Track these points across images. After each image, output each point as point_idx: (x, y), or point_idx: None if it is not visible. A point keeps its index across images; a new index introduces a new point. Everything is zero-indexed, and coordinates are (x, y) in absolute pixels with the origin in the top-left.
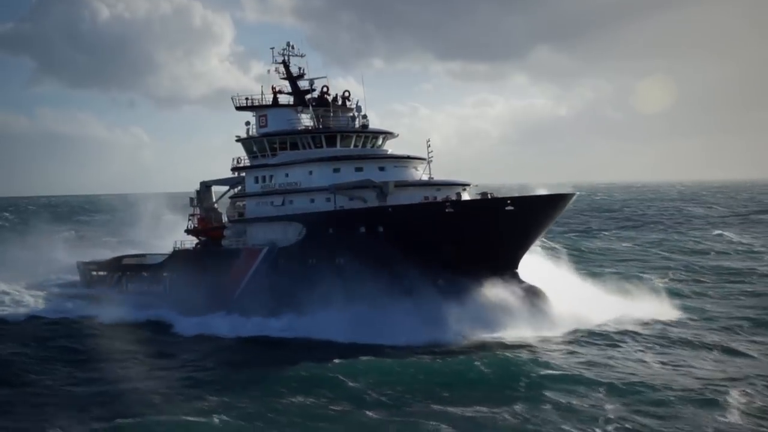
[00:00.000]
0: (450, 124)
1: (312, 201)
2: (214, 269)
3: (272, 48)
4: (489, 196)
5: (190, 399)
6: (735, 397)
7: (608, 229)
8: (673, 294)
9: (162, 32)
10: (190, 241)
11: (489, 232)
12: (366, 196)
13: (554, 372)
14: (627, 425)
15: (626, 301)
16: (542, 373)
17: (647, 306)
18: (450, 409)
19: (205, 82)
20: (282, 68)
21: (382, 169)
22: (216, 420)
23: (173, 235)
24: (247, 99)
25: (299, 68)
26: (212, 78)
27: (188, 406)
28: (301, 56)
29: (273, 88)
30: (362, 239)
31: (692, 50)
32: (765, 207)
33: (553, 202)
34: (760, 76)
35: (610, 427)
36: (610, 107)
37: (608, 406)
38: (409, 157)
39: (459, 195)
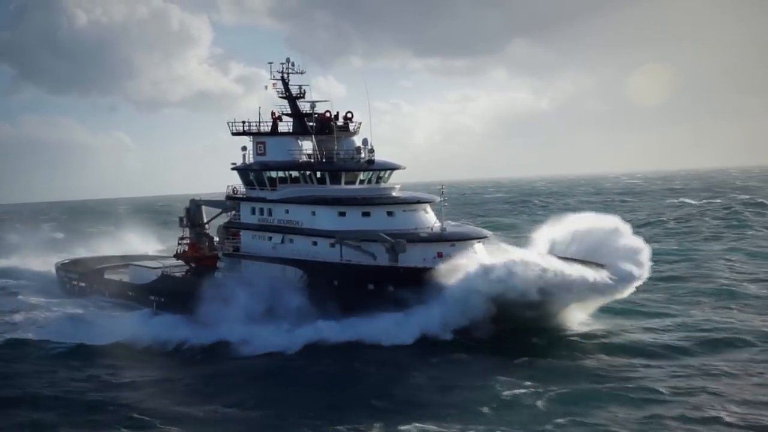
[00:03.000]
0: (432, 120)
1: (315, 244)
2: (206, 304)
3: (270, 63)
4: None
5: None
6: None
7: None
8: None
9: (140, 36)
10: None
11: None
12: (375, 251)
13: None
14: None
15: None
16: None
17: None
18: None
19: (185, 84)
20: (280, 85)
21: (390, 214)
22: None
23: None
24: (243, 123)
25: (299, 87)
26: (191, 80)
27: None
28: (301, 73)
29: (273, 114)
30: (370, 297)
31: (674, 38)
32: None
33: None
34: (745, 61)
35: None
36: (592, 98)
37: None
38: (419, 201)
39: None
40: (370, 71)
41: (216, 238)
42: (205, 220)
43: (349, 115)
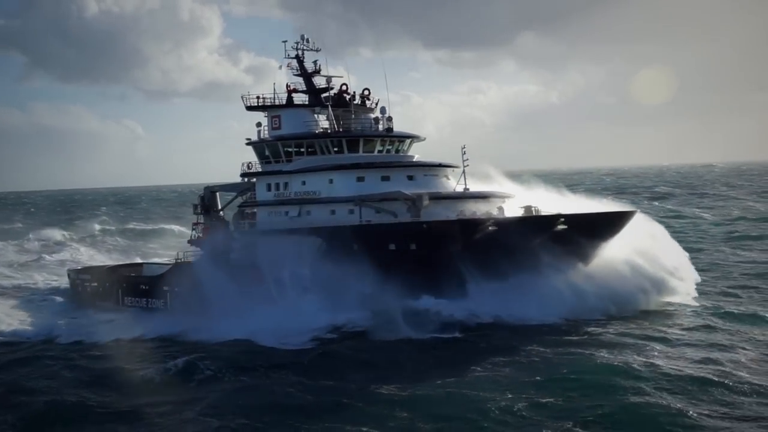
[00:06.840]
0: (443, 111)
1: (333, 212)
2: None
3: (284, 41)
4: (533, 211)
5: None
6: None
7: None
8: None
9: (150, 26)
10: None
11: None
12: (396, 210)
13: None
14: None
15: None
16: None
17: None
18: None
19: (195, 74)
20: (295, 63)
21: (410, 178)
22: None
23: None
24: (258, 98)
25: (315, 63)
26: (201, 71)
27: None
28: (317, 50)
29: (287, 86)
30: (392, 257)
31: (682, 32)
32: None
33: (611, 220)
34: (757, 55)
35: None
36: (602, 92)
37: None
38: (441, 165)
39: (501, 209)
40: (380, 62)
41: (231, 227)
42: (220, 207)
43: (366, 92)
